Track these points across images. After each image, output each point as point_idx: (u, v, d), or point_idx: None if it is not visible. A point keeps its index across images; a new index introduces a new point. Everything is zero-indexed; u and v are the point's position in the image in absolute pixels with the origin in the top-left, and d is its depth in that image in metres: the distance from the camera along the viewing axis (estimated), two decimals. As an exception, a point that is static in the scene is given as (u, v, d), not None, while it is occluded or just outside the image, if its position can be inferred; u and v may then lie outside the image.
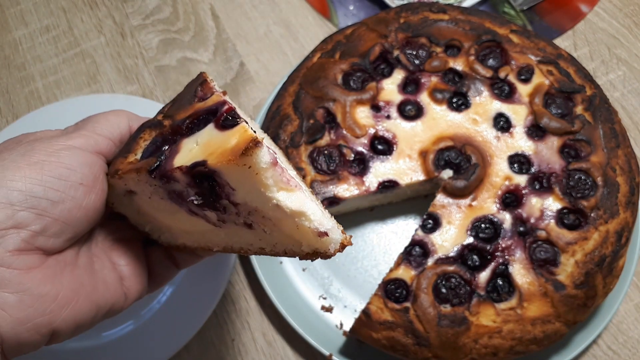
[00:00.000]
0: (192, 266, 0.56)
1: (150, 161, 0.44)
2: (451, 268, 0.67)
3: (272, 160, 0.39)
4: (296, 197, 0.41)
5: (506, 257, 0.67)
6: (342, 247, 0.44)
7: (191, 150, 0.42)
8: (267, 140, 0.48)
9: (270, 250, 0.46)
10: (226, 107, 0.43)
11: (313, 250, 0.44)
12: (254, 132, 0.41)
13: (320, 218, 0.42)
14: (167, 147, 0.44)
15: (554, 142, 0.72)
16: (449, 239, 0.69)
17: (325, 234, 0.42)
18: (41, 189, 0.41)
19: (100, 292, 0.46)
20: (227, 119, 0.42)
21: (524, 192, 0.70)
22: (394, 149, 0.73)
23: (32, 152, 0.43)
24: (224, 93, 0.48)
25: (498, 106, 0.74)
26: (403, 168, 0.72)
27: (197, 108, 0.46)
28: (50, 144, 0.44)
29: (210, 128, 0.43)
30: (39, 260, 0.42)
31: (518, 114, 0.73)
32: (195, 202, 0.43)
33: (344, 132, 0.73)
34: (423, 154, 0.72)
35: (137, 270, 0.50)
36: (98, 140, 0.47)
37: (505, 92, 0.75)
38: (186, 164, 0.40)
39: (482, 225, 0.69)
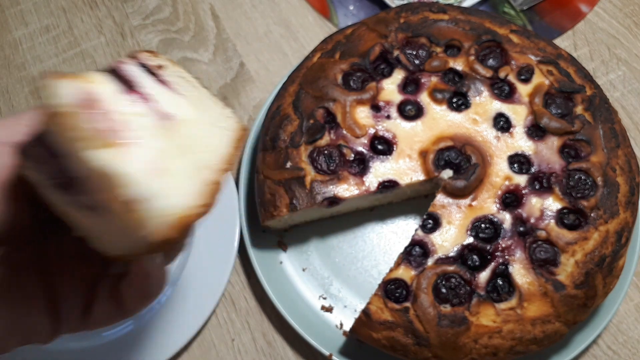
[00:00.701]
0: (192, 266, 0.50)
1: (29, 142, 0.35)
2: (451, 268, 0.67)
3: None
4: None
5: (506, 257, 0.67)
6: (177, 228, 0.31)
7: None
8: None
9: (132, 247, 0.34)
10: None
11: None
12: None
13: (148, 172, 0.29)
14: None
15: (554, 142, 0.72)
16: (449, 239, 0.69)
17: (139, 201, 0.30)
18: None
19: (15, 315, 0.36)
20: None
21: (524, 192, 0.70)
22: (394, 149, 0.73)
23: None
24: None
25: (498, 106, 0.74)
26: (403, 168, 0.72)
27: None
28: None
29: None
30: None
31: (518, 114, 0.73)
32: (53, 181, 0.32)
33: (344, 132, 0.73)
34: (423, 154, 0.72)
35: (72, 294, 0.39)
36: (18, 130, 0.37)
37: (505, 92, 0.75)
38: None
39: (482, 225, 0.69)
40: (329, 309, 0.75)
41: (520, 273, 0.66)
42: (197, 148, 0.33)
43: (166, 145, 0.32)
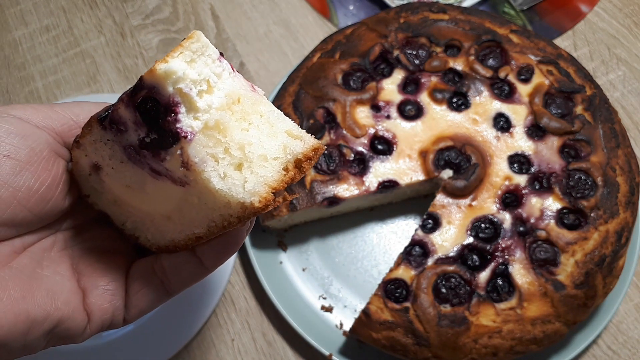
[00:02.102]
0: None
1: (100, 112, 0.38)
2: (451, 268, 0.67)
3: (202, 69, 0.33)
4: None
5: (506, 257, 0.67)
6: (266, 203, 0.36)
7: None
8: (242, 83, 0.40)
9: (215, 220, 0.39)
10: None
11: (239, 205, 0.36)
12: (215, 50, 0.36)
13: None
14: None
15: (553, 142, 0.72)
16: (449, 238, 0.69)
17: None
18: None
19: (36, 302, 0.36)
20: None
21: (523, 192, 0.70)
22: (394, 148, 0.73)
23: None
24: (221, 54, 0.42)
25: (498, 106, 0.74)
26: (403, 168, 0.72)
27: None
28: None
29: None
30: None
31: (518, 114, 0.73)
32: (146, 139, 0.36)
33: (344, 132, 0.73)
34: (423, 154, 0.72)
35: (109, 285, 0.41)
36: (52, 116, 0.39)
37: (505, 92, 0.75)
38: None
39: (482, 225, 0.69)
40: (328, 309, 0.75)
41: (520, 273, 0.66)
42: (279, 128, 0.38)
43: (260, 121, 0.37)
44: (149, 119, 0.35)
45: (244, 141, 0.37)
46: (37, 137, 0.38)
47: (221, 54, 0.37)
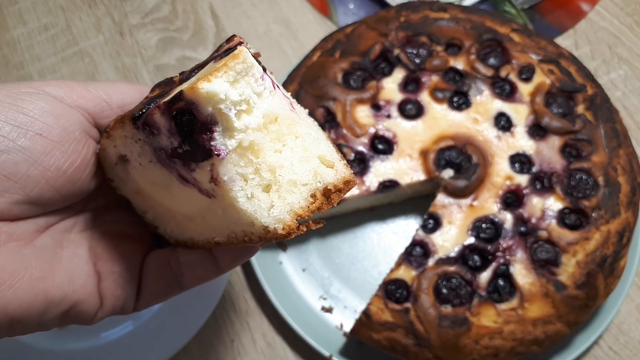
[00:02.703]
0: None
1: (135, 109, 0.38)
2: (452, 268, 0.67)
3: (246, 92, 0.32)
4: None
5: (507, 257, 0.67)
6: (290, 230, 0.36)
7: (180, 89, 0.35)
8: (288, 99, 0.40)
9: (236, 234, 0.40)
10: (237, 43, 0.37)
11: (263, 228, 0.36)
12: (259, 63, 0.35)
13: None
14: (162, 99, 0.37)
15: (555, 141, 0.72)
16: (450, 239, 0.68)
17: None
18: None
19: (55, 283, 0.36)
20: (229, 50, 0.36)
21: (525, 192, 0.70)
22: (395, 148, 0.72)
23: None
24: (257, 54, 0.40)
25: (499, 105, 0.74)
26: (403, 168, 0.71)
27: (211, 56, 0.40)
28: (18, 86, 0.37)
29: (210, 65, 0.37)
30: None
31: (519, 113, 0.73)
32: (178, 149, 0.35)
33: (344, 131, 0.73)
34: (424, 154, 0.72)
35: (124, 272, 0.41)
36: (85, 96, 0.39)
37: (506, 91, 0.75)
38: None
39: (483, 225, 0.69)
40: (329, 310, 0.75)
41: (522, 273, 0.66)
42: (312, 153, 0.38)
43: (294, 143, 0.37)
44: (184, 131, 0.34)
45: (275, 164, 0.36)
46: (70, 117, 0.38)
47: (264, 68, 0.36)
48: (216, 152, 0.34)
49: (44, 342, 0.73)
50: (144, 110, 0.36)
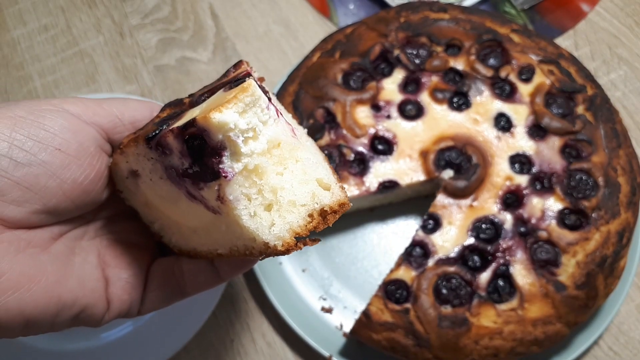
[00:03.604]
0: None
1: (149, 129, 0.41)
2: (452, 269, 0.67)
3: (245, 123, 0.35)
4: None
5: (507, 257, 0.67)
6: (288, 246, 0.39)
7: (191, 115, 0.38)
8: (294, 127, 0.43)
9: (237, 248, 0.43)
10: (245, 73, 0.40)
11: (263, 243, 0.39)
12: (267, 93, 0.38)
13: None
14: (174, 120, 0.41)
15: (555, 142, 0.72)
16: (450, 239, 0.68)
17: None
18: (6, 146, 0.36)
19: (68, 287, 0.39)
20: (237, 81, 0.39)
21: (525, 192, 0.70)
22: (395, 149, 0.72)
23: (14, 107, 0.38)
24: (261, 79, 0.44)
25: (499, 106, 0.74)
26: (403, 168, 0.71)
27: (219, 82, 0.43)
28: (38, 103, 0.39)
29: (219, 93, 0.40)
30: None
31: (519, 114, 0.73)
32: (189, 170, 0.39)
33: (344, 132, 0.73)
34: (423, 154, 0.72)
35: (131, 278, 0.44)
36: (99, 113, 0.42)
37: (506, 91, 0.75)
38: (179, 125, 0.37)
39: (483, 226, 0.69)
40: (328, 310, 0.75)
41: (521, 274, 0.66)
42: (311, 176, 0.41)
43: (295, 166, 0.41)
44: (195, 154, 0.37)
45: (277, 185, 0.39)
46: (86, 133, 0.40)
47: (269, 98, 0.39)
48: (224, 174, 0.37)
49: (45, 343, 0.73)
50: (157, 132, 0.39)
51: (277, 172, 0.40)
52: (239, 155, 0.37)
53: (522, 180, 0.70)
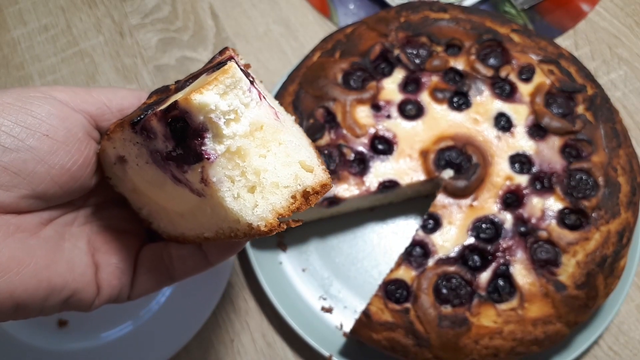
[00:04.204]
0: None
1: (134, 114, 0.41)
2: (452, 268, 0.67)
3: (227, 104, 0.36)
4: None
5: (507, 257, 0.67)
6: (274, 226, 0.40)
7: (175, 99, 0.39)
8: (278, 110, 0.44)
9: (223, 230, 0.44)
10: (227, 57, 0.41)
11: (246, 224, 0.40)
12: (249, 77, 0.38)
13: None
14: (158, 105, 0.41)
15: (555, 141, 0.72)
16: (450, 239, 0.68)
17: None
18: None
19: (58, 271, 0.40)
20: (220, 64, 0.39)
21: (525, 192, 0.70)
22: (395, 148, 0.72)
23: (2, 94, 0.39)
24: (247, 66, 0.45)
25: (499, 106, 0.74)
26: (403, 168, 0.71)
27: (204, 68, 0.44)
28: (26, 90, 0.40)
29: (202, 77, 0.40)
30: None
31: (519, 114, 0.73)
32: (172, 153, 0.39)
33: (344, 131, 0.73)
34: (424, 154, 0.72)
35: (120, 264, 0.45)
36: (87, 100, 0.43)
37: (506, 91, 0.75)
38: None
39: (483, 226, 0.69)
40: (329, 310, 0.75)
41: (522, 273, 0.66)
42: (294, 158, 0.42)
43: (278, 149, 0.41)
44: (178, 136, 0.38)
45: (260, 167, 0.40)
46: (74, 119, 0.41)
47: (251, 81, 0.40)
48: (206, 156, 0.37)
49: (45, 343, 0.73)
50: (142, 116, 0.39)
51: (260, 155, 0.40)
52: (221, 137, 0.37)
53: (522, 180, 0.70)
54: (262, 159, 0.40)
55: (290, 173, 0.41)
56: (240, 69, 0.39)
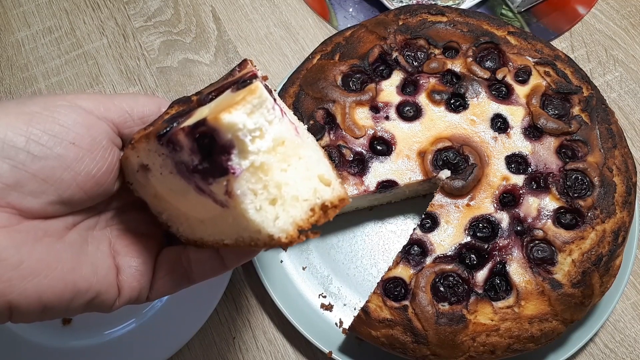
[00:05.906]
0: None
1: (160, 127, 0.43)
2: (449, 267, 0.68)
3: (255, 123, 0.37)
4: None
5: (504, 256, 0.68)
6: (292, 239, 0.41)
7: (201, 114, 0.40)
8: (299, 128, 0.45)
9: (244, 240, 0.45)
10: (251, 74, 0.42)
11: (267, 236, 0.41)
12: (271, 93, 0.40)
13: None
14: (183, 118, 0.43)
15: (551, 142, 0.72)
16: (447, 238, 0.69)
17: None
18: (23, 140, 0.38)
19: (82, 274, 0.41)
20: (244, 82, 0.41)
21: (521, 192, 0.70)
22: (393, 149, 0.73)
23: (29, 102, 0.40)
24: (265, 78, 0.47)
25: (495, 107, 0.74)
26: (402, 168, 0.72)
27: (225, 82, 0.45)
28: (52, 99, 0.41)
29: (227, 93, 0.42)
30: (9, 220, 0.38)
31: (515, 115, 0.74)
32: (199, 166, 0.41)
33: (344, 132, 0.74)
34: (421, 155, 0.73)
35: (140, 266, 0.46)
36: (110, 108, 0.44)
37: (502, 93, 0.76)
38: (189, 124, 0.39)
39: (480, 225, 0.70)
40: (328, 307, 0.76)
41: (518, 272, 0.67)
42: (313, 172, 0.44)
43: (298, 163, 0.43)
44: (205, 151, 0.39)
45: (281, 181, 0.41)
46: (99, 127, 0.42)
47: (275, 99, 0.41)
48: (232, 171, 0.39)
49: (49, 340, 0.74)
50: (168, 129, 0.41)
51: (281, 169, 0.42)
52: (246, 153, 0.39)
53: (519, 180, 0.71)
54: (283, 173, 0.42)
55: (309, 187, 0.43)
56: (263, 85, 0.40)
